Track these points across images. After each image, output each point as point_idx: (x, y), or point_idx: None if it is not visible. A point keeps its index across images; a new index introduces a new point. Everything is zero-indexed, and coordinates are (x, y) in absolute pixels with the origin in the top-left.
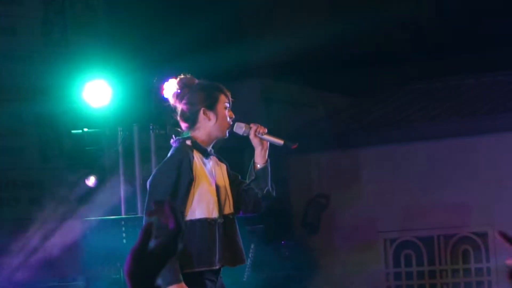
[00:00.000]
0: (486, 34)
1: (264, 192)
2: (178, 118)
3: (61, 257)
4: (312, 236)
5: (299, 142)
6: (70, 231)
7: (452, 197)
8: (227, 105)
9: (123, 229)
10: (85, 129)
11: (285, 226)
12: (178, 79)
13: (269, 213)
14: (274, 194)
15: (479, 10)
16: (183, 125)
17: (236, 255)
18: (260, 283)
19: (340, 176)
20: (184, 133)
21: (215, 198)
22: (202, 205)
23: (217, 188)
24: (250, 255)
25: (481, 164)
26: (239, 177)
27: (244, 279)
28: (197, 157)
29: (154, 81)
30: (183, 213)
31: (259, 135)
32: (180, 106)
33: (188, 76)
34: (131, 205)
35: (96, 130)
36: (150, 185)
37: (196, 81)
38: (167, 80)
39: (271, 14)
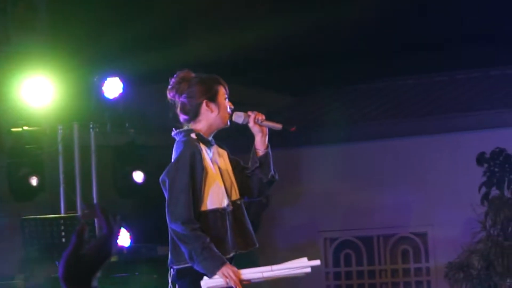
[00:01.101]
0: (425, 36)
1: (269, 177)
2: (178, 111)
3: (1, 256)
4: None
5: (246, 141)
6: (10, 229)
7: (391, 198)
8: (226, 96)
9: (62, 227)
10: (25, 127)
11: None
12: (176, 74)
13: None
14: (276, 177)
15: (419, 12)
16: (183, 118)
17: (247, 239)
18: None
19: (281, 175)
20: (184, 125)
21: (223, 187)
22: (212, 196)
23: (222, 176)
24: None
25: (421, 165)
26: (241, 163)
27: None
28: (203, 149)
29: (95, 79)
30: (197, 206)
31: (259, 122)
32: (179, 100)
33: (185, 70)
34: (70, 204)
35: (36, 128)
36: (168, 183)
37: (193, 74)
38: (107, 79)
39: (213, 15)
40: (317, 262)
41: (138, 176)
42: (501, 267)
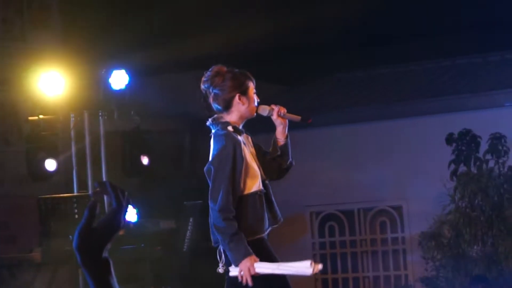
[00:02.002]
0: (400, 28)
1: (288, 163)
2: (211, 100)
3: (21, 231)
4: None
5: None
6: (28, 207)
7: (371, 175)
8: (254, 90)
9: (75, 205)
10: (41, 116)
11: None
12: (211, 68)
13: (206, 190)
14: (293, 163)
15: (399, 5)
16: (216, 107)
17: (276, 215)
18: (198, 253)
19: None
20: (217, 114)
21: (259, 172)
22: (252, 181)
23: (254, 160)
24: (189, 228)
25: (396, 145)
26: (262, 147)
27: (184, 249)
28: (240, 140)
29: (103, 72)
30: (236, 192)
31: (281, 115)
32: (213, 92)
33: (219, 65)
34: (82, 184)
35: (51, 116)
36: (213, 172)
37: (226, 69)
38: (114, 72)
39: (208, 11)
40: (319, 267)
41: (144, 159)
42: (469, 235)
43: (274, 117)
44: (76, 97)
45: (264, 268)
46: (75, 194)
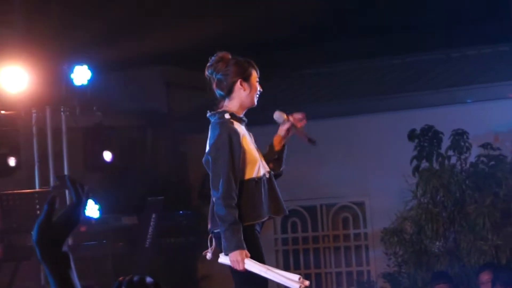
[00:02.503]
0: (367, 23)
1: (280, 170)
2: (214, 87)
3: None
4: (207, 207)
5: (202, 122)
6: None
7: (333, 170)
8: (258, 79)
9: (37, 201)
10: (3, 112)
11: (183, 198)
12: (215, 54)
13: (169, 185)
14: (282, 173)
15: (360, 4)
16: (218, 93)
17: (279, 205)
18: (160, 249)
19: None
20: (220, 102)
21: (259, 159)
22: (250, 167)
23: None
24: (151, 224)
25: (359, 141)
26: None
27: (146, 245)
28: (237, 126)
29: (65, 67)
30: (237, 178)
31: (292, 129)
32: (216, 77)
33: (224, 52)
34: (44, 180)
35: (13, 112)
36: (211, 161)
37: (230, 56)
38: (76, 67)
39: (173, 5)
40: (306, 283)
41: (106, 155)
42: (431, 231)
43: (284, 128)
44: (38, 92)
45: (253, 267)
46: (37, 190)
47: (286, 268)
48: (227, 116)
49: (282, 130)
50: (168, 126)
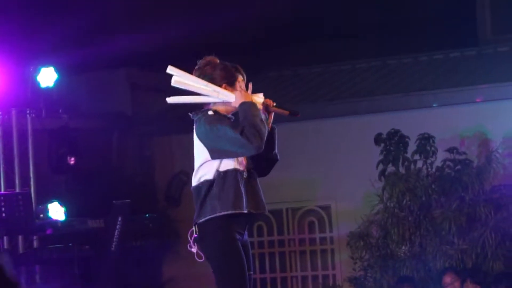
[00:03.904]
0: (331, 28)
1: (272, 154)
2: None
3: None
4: (174, 209)
5: (167, 124)
6: None
7: (299, 174)
8: (243, 83)
9: (2, 204)
10: None
11: (149, 201)
12: (203, 58)
13: (135, 188)
14: (278, 158)
15: (329, 4)
16: None
17: (259, 203)
18: (126, 252)
19: None
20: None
21: (243, 159)
22: (231, 159)
23: None
24: (117, 227)
25: (325, 145)
26: None
27: (112, 249)
28: None
29: (30, 70)
30: (218, 166)
31: (268, 109)
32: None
33: (212, 55)
34: (9, 183)
35: None
36: (207, 140)
37: (218, 60)
38: (42, 69)
39: (138, 9)
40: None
41: (70, 159)
42: (397, 235)
43: (261, 110)
44: (3, 94)
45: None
46: (2, 192)
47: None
48: (210, 112)
49: (262, 113)
50: (134, 129)
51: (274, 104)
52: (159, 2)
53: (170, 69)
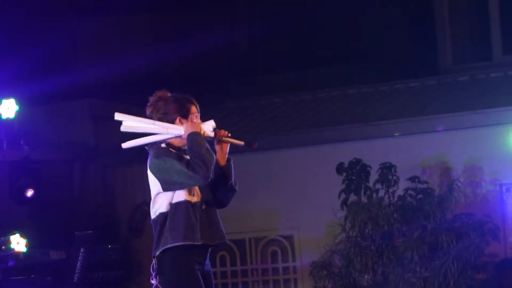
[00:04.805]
0: (290, 58)
1: (228, 185)
2: None
3: None
4: (136, 240)
5: (130, 155)
6: None
7: (261, 204)
8: (197, 114)
9: None
10: None
11: (112, 231)
12: (154, 94)
13: (97, 219)
14: (236, 188)
15: (289, 35)
16: None
17: (216, 233)
18: (89, 284)
19: None
20: None
21: (197, 190)
22: (185, 191)
23: None
24: (80, 258)
25: (288, 173)
26: None
27: (75, 280)
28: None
29: None
30: (171, 198)
31: (221, 139)
32: (157, 116)
33: (163, 90)
34: None
35: None
36: (156, 171)
37: (169, 94)
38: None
39: (101, 40)
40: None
41: (29, 191)
42: (360, 264)
43: (215, 141)
44: None
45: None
46: None
47: None
48: (163, 145)
49: (216, 145)
50: (96, 159)
51: (229, 135)
52: (121, 33)
53: (118, 116)
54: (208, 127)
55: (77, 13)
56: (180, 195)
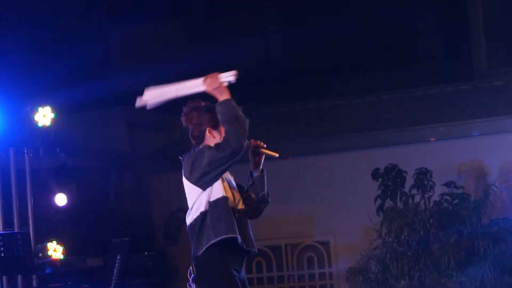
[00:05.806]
0: (325, 64)
1: (260, 196)
2: (190, 135)
3: None
4: (172, 247)
5: (165, 162)
6: None
7: (297, 210)
8: None
9: (1, 243)
10: None
11: (148, 238)
12: (187, 104)
13: (133, 226)
14: (269, 200)
15: (322, 42)
16: (193, 142)
17: (249, 240)
18: None
19: None
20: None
21: (230, 195)
22: (217, 190)
23: (231, 188)
24: (116, 265)
25: (323, 179)
26: (244, 187)
27: (112, 287)
28: None
29: (28, 109)
30: (209, 197)
31: (257, 150)
32: (190, 126)
33: (196, 100)
34: (8, 222)
35: None
36: (193, 173)
37: (203, 103)
38: (39, 109)
39: (136, 47)
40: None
41: (70, 196)
42: (396, 270)
43: (250, 150)
44: (1, 134)
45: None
46: (1, 232)
47: None
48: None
49: (250, 154)
50: (131, 166)
51: (264, 145)
52: (156, 41)
53: (143, 98)
54: (228, 78)
55: (113, 21)
56: (218, 192)
